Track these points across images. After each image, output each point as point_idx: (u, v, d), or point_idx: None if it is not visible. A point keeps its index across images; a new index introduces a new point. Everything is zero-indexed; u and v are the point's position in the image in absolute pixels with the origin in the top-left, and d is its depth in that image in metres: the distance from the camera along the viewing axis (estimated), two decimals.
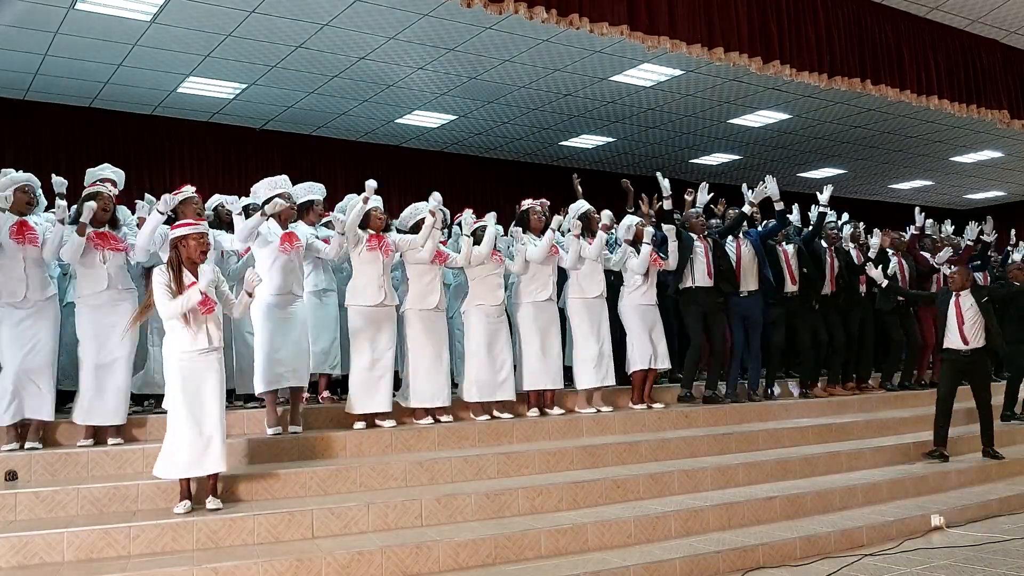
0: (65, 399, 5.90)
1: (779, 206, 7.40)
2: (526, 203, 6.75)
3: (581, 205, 6.86)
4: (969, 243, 8.79)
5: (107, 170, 5.54)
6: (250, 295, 4.58)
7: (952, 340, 6.59)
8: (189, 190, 5.46)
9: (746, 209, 7.45)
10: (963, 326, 6.53)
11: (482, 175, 13.32)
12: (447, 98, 10.20)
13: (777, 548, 4.83)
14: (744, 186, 7.72)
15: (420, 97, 10.14)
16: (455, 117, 11.04)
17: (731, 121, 11.52)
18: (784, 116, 11.34)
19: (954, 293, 6.65)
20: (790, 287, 7.66)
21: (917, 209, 9.00)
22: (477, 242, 6.19)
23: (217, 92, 9.68)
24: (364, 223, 5.75)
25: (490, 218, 6.30)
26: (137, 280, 5.52)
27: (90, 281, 5.11)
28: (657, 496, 5.39)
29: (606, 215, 7.14)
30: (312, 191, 6.16)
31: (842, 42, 7.25)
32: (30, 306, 4.99)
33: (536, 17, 5.66)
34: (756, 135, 12.26)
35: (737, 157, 13.61)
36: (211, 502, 4.43)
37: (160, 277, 4.40)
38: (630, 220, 7.13)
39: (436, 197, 6.01)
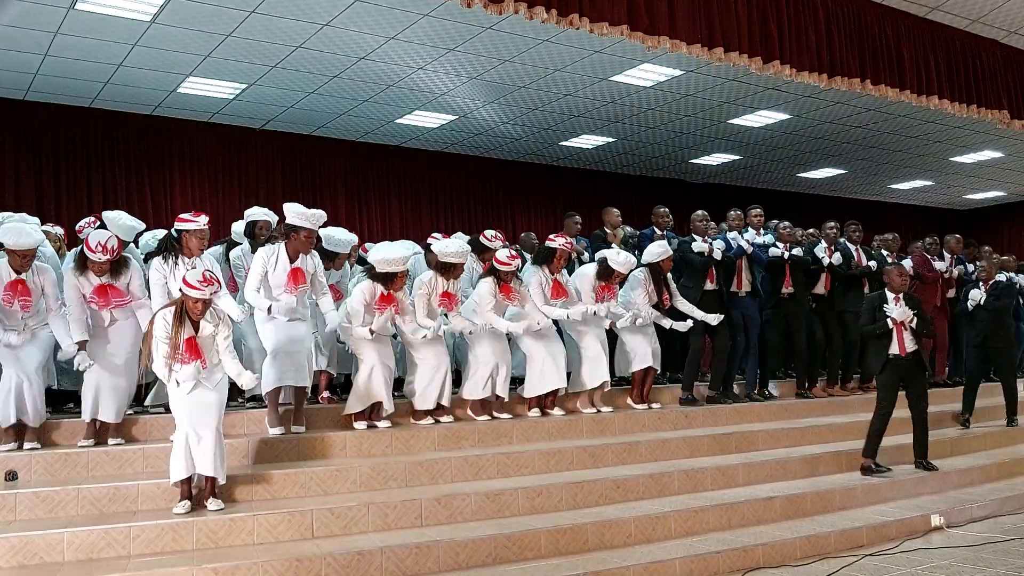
0: (64, 399, 5.91)
1: (748, 248, 7.40)
2: (558, 242, 6.48)
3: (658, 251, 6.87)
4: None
5: (107, 233, 5.17)
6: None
7: (892, 346, 6.17)
8: (191, 221, 5.26)
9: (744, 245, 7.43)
10: (902, 331, 6.15)
11: (482, 175, 13.31)
12: (447, 98, 10.19)
13: (777, 548, 4.83)
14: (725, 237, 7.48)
15: (420, 97, 10.12)
16: (455, 117, 11.02)
17: (731, 121, 11.50)
18: (784, 116, 11.32)
19: (893, 296, 6.23)
20: (785, 289, 7.69)
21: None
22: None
23: (217, 92, 9.67)
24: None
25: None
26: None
27: (93, 317, 5.14)
28: (657, 496, 5.39)
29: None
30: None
31: (842, 42, 7.24)
32: (27, 325, 5.07)
33: (536, 17, 5.65)
34: (756, 135, 12.24)
35: (737, 157, 13.59)
36: (212, 503, 4.45)
37: (159, 327, 4.44)
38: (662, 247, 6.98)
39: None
